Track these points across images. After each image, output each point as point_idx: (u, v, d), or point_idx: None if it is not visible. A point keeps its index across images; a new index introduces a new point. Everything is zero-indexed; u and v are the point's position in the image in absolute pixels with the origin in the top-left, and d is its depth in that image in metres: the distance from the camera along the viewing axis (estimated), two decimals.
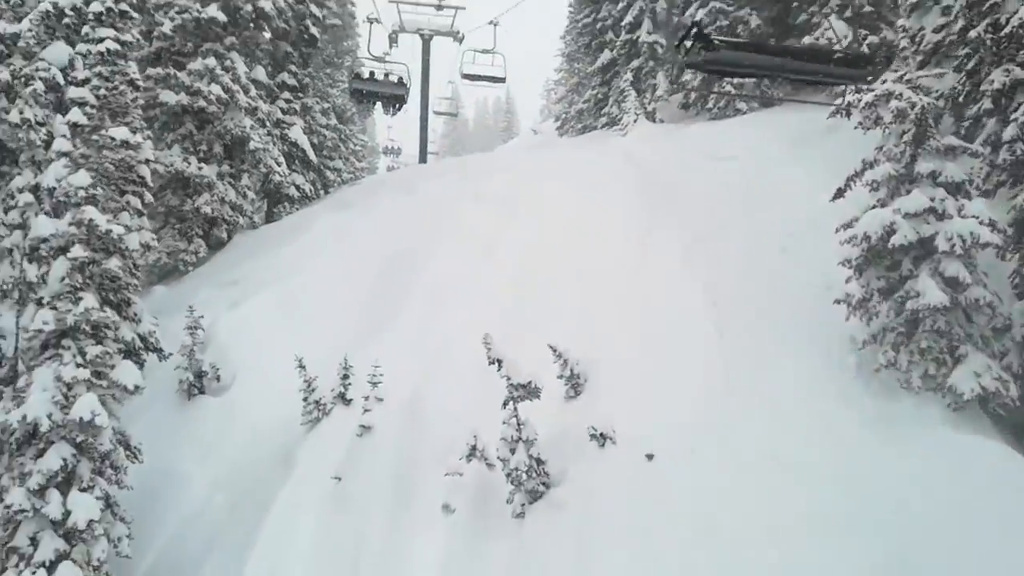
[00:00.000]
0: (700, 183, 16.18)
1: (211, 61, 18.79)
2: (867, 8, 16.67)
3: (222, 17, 19.57)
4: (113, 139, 10.17)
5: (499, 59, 24.67)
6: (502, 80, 25.32)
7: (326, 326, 14.44)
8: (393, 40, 28.07)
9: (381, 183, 24.97)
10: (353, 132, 39.45)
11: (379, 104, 23.84)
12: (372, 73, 22.61)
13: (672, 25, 23.90)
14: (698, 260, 13.42)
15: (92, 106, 10.39)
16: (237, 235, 19.84)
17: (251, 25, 21.33)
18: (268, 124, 21.33)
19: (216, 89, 18.79)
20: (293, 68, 23.64)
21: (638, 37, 22.34)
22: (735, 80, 19.16)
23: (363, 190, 23.60)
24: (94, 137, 10.14)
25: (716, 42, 6.89)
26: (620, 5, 23.35)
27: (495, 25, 25.17)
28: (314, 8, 23.96)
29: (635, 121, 21.27)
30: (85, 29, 11.74)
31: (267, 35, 22.30)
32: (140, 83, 11.67)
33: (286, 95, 23.09)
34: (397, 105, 23.43)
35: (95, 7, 11.90)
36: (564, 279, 13.70)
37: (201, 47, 19.78)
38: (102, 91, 10.51)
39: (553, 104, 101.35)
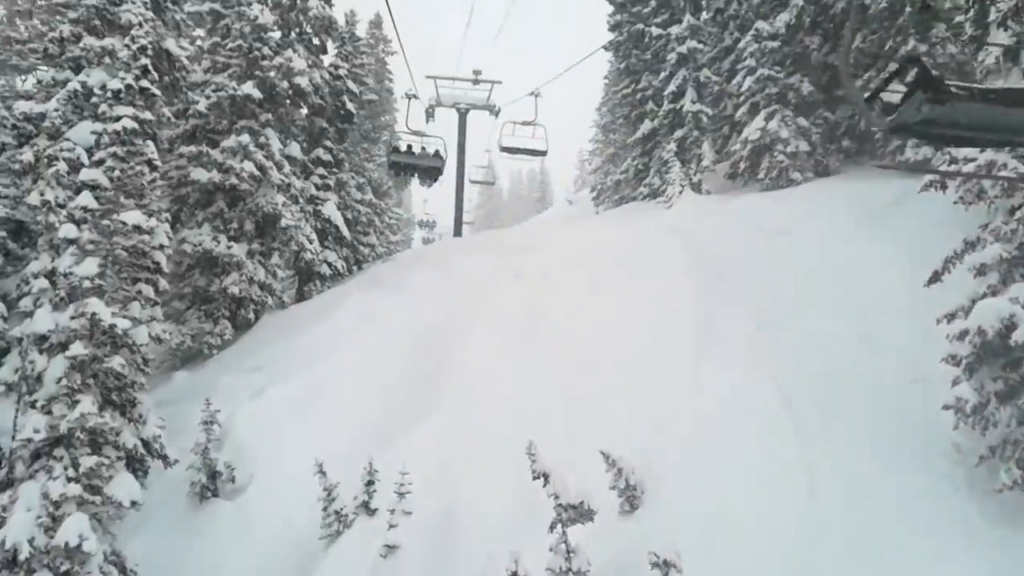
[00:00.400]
0: (757, 260, 14.90)
1: (245, 138, 18.47)
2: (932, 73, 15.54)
3: (257, 94, 19.39)
4: (125, 224, 9.44)
5: (540, 131, 24.05)
6: (543, 153, 24.52)
7: (352, 418, 13.35)
8: (430, 115, 28.22)
9: (415, 258, 24.25)
10: (389, 206, 39.33)
11: (416, 176, 24.17)
12: (410, 146, 23.04)
13: (714, 94, 23.15)
14: (765, 349, 12.01)
15: (105, 188, 9.72)
16: (265, 315, 19.07)
17: (287, 102, 21.18)
18: (301, 200, 20.87)
19: (249, 166, 18.40)
20: (328, 144, 23.39)
21: (681, 106, 21.55)
22: (788, 149, 18.14)
23: (396, 266, 22.86)
24: (105, 222, 9.42)
25: (952, 90, 3.73)
26: (662, 75, 22.70)
27: (537, 96, 24.42)
28: (351, 84, 23.86)
29: (680, 193, 20.24)
30: (102, 107, 11.25)
31: (303, 111, 22.15)
32: (159, 163, 11.05)
33: (320, 171, 22.74)
34: (434, 177, 23.67)
35: (114, 84, 11.47)
36: (612, 368, 12.41)
37: (236, 124, 19.58)
38: (116, 172, 9.87)
39: (588, 175, 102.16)
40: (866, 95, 4.09)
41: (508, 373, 13.20)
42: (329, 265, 21.70)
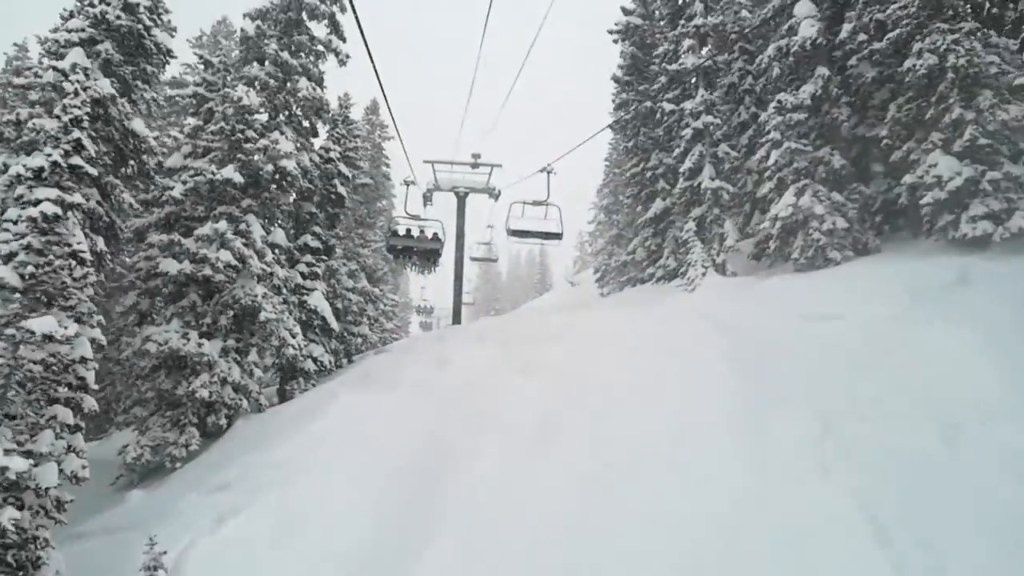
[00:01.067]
0: (805, 350, 12.94)
1: (222, 225, 16.89)
2: (982, 140, 14.13)
3: (239, 179, 17.96)
4: (32, 333, 7.57)
5: (554, 211, 21.78)
6: (558, 236, 22.11)
7: (338, 548, 11.05)
8: (428, 199, 27.47)
9: (410, 349, 22.28)
10: (384, 292, 37.68)
11: (415, 263, 23.81)
12: (408, 230, 22.80)
13: (728, 171, 21.90)
14: (837, 458, 9.92)
15: (13, 288, 7.90)
16: (239, 420, 16.91)
17: (272, 186, 19.79)
18: (285, 290, 19.11)
19: (225, 255, 16.72)
20: (317, 229, 21.88)
21: (699, 183, 20.17)
22: (824, 226, 16.55)
23: (390, 359, 20.86)
24: (9, 330, 7.56)
25: None
26: (676, 151, 21.45)
27: (550, 173, 22.31)
28: (343, 167, 22.60)
29: (703, 274, 18.54)
30: (19, 190, 9.56)
31: (290, 196, 20.74)
32: (87, 255, 9.21)
33: (308, 258, 21.11)
34: (433, 260, 23.35)
35: (35, 161, 9.80)
36: (651, 485, 10.26)
37: (215, 211, 18.08)
38: (30, 268, 8.07)
39: (588, 256, 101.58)
40: None
41: (524, 495, 11.01)
42: (314, 360, 19.70)
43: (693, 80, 21.54)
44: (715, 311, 15.60)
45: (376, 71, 10.75)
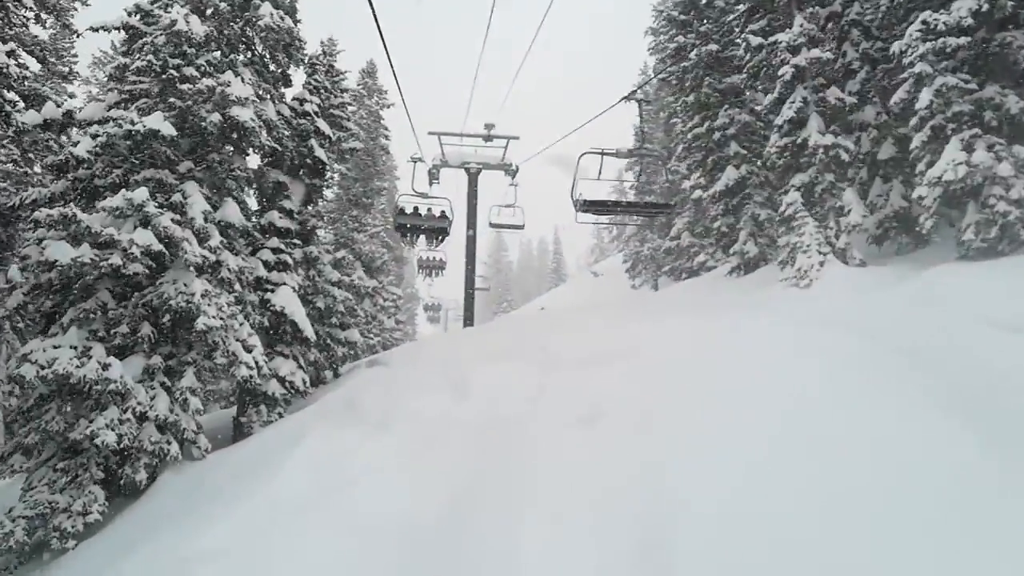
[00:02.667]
0: None
1: (139, 194, 12.08)
2: None
3: (169, 131, 13.13)
4: None
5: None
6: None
7: None
8: (434, 176, 24.61)
9: (414, 360, 17.40)
10: (383, 285, 32.94)
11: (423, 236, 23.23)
12: (416, 208, 22.05)
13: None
14: None
15: None
16: (165, 474, 12.16)
17: (224, 146, 14.99)
18: (240, 286, 14.32)
19: (144, 237, 11.96)
20: (288, 204, 17.03)
21: (805, 139, 15.14)
22: (1011, 193, 11.57)
23: (386, 377, 16.04)
24: None
25: None
26: (768, 99, 16.37)
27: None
28: (322, 125, 17.72)
29: (821, 264, 13.57)
30: None
31: (248, 158, 15.91)
32: None
33: (275, 242, 16.28)
34: (440, 238, 22.73)
35: None
36: None
37: (138, 175, 13.32)
38: None
39: (607, 243, 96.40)
40: None
41: None
42: (282, 381, 14.91)
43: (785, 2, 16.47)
44: (863, 320, 10.64)
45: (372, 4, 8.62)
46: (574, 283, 73.36)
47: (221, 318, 12.97)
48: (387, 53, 11.35)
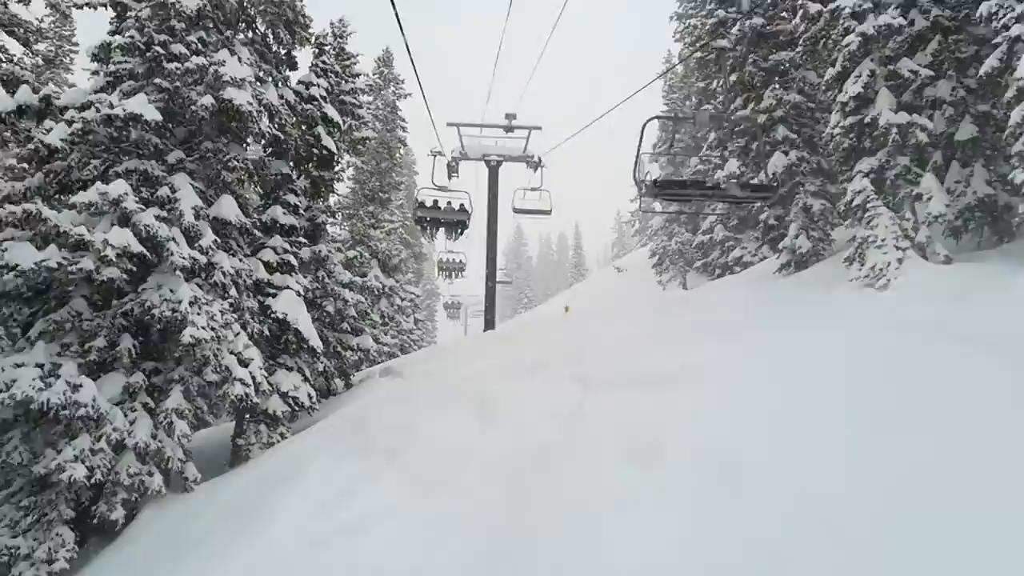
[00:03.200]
0: None
1: (115, 187, 10.52)
2: None
3: (154, 116, 11.57)
4: None
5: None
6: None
7: None
8: (453, 169, 23.61)
9: (433, 371, 15.74)
10: (400, 284, 31.39)
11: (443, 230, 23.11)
12: (435, 201, 22.00)
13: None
14: None
15: None
16: (147, 511, 10.60)
17: (216, 132, 13.42)
18: (236, 290, 12.73)
19: (120, 237, 10.39)
20: (293, 199, 15.42)
21: (874, 117, 13.20)
22: None
23: (401, 392, 14.42)
24: None
25: None
26: (830, 72, 14.40)
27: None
28: (330, 111, 16.08)
29: (900, 261, 11.67)
30: None
31: (247, 148, 14.32)
32: None
33: (278, 241, 14.67)
34: (459, 230, 22.67)
35: None
36: None
37: (118, 167, 11.78)
38: None
39: (629, 238, 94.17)
40: None
41: None
42: (284, 397, 13.31)
43: None
44: (968, 328, 8.77)
45: None
46: (596, 279, 71.35)
47: (213, 328, 11.40)
48: (402, 32, 9.69)
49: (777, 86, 18.37)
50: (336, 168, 18.32)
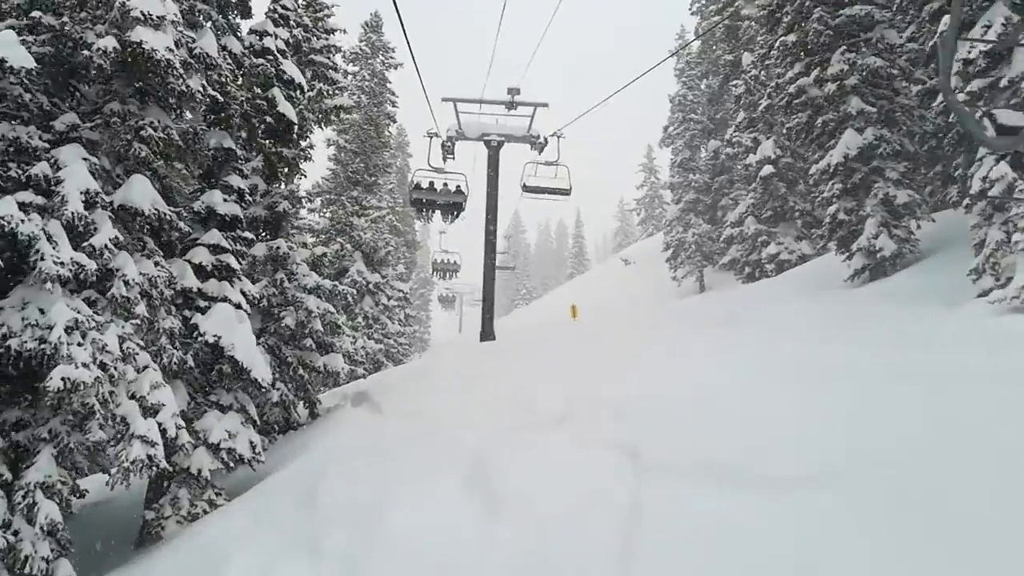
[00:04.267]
0: None
1: None
2: None
3: (22, 61, 8.23)
4: None
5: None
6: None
7: None
8: (448, 151, 21.60)
9: (413, 415, 12.14)
10: (387, 279, 28.04)
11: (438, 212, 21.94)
12: (431, 183, 21.18)
13: None
14: None
15: None
16: None
17: (132, 93, 10.03)
18: (150, 305, 9.36)
19: None
20: (237, 182, 11.97)
21: (1014, 80, 9.82)
22: None
23: (371, 436, 11.09)
24: None
25: None
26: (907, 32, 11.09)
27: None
28: (290, 68, 12.65)
29: None
30: None
31: (171, 113, 10.86)
32: None
33: (215, 236, 11.22)
34: (456, 213, 21.63)
35: None
36: None
37: None
38: None
39: (634, 227, 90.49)
40: None
41: None
42: (215, 450, 9.94)
43: None
44: None
45: None
46: (600, 271, 67.81)
47: (103, 364, 8.07)
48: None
49: (847, 48, 14.99)
50: (304, 144, 14.96)
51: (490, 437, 9.11)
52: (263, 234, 14.22)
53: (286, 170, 14.47)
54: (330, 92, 15.62)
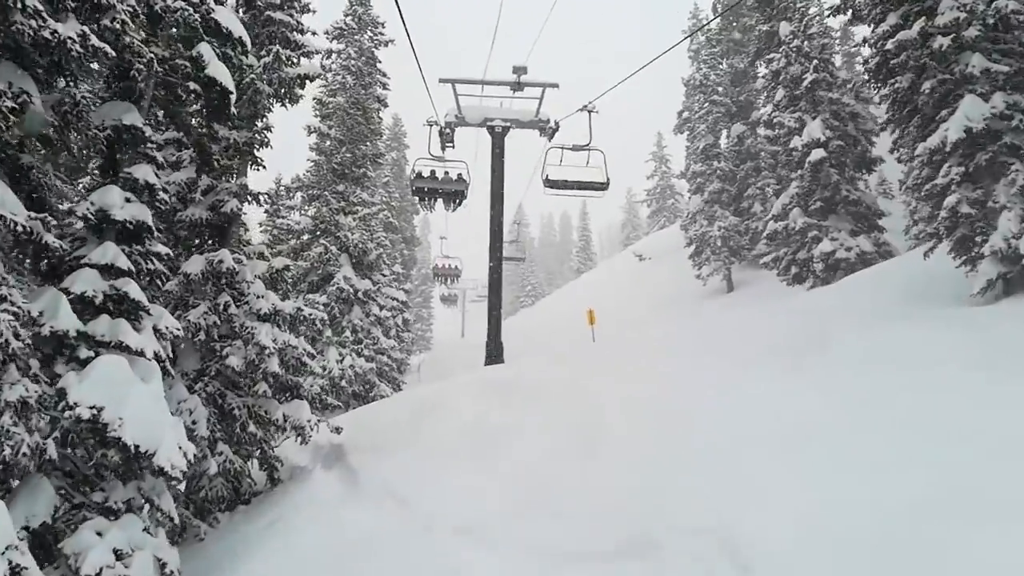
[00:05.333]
0: None
1: None
2: None
3: None
4: None
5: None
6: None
7: None
8: (447, 138, 19.76)
9: (403, 502, 8.75)
10: (379, 286, 24.66)
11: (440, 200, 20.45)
12: (433, 172, 19.45)
13: None
14: None
15: None
16: None
17: None
18: None
19: None
20: (143, 175, 8.53)
21: None
22: None
23: (326, 554, 7.79)
24: None
25: None
26: None
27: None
28: (225, 18, 9.23)
29: None
30: None
31: (81, 85, 7.46)
32: None
33: (110, 252, 7.83)
34: (457, 201, 20.05)
35: None
36: None
37: None
38: None
39: (643, 220, 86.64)
40: None
41: None
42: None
43: None
44: None
45: None
46: (611, 267, 64.16)
47: None
48: None
49: (958, 5, 11.54)
50: (259, 124, 11.61)
51: (509, 561, 5.75)
52: (208, 242, 10.92)
53: (236, 157, 11.09)
54: (293, 58, 12.21)
